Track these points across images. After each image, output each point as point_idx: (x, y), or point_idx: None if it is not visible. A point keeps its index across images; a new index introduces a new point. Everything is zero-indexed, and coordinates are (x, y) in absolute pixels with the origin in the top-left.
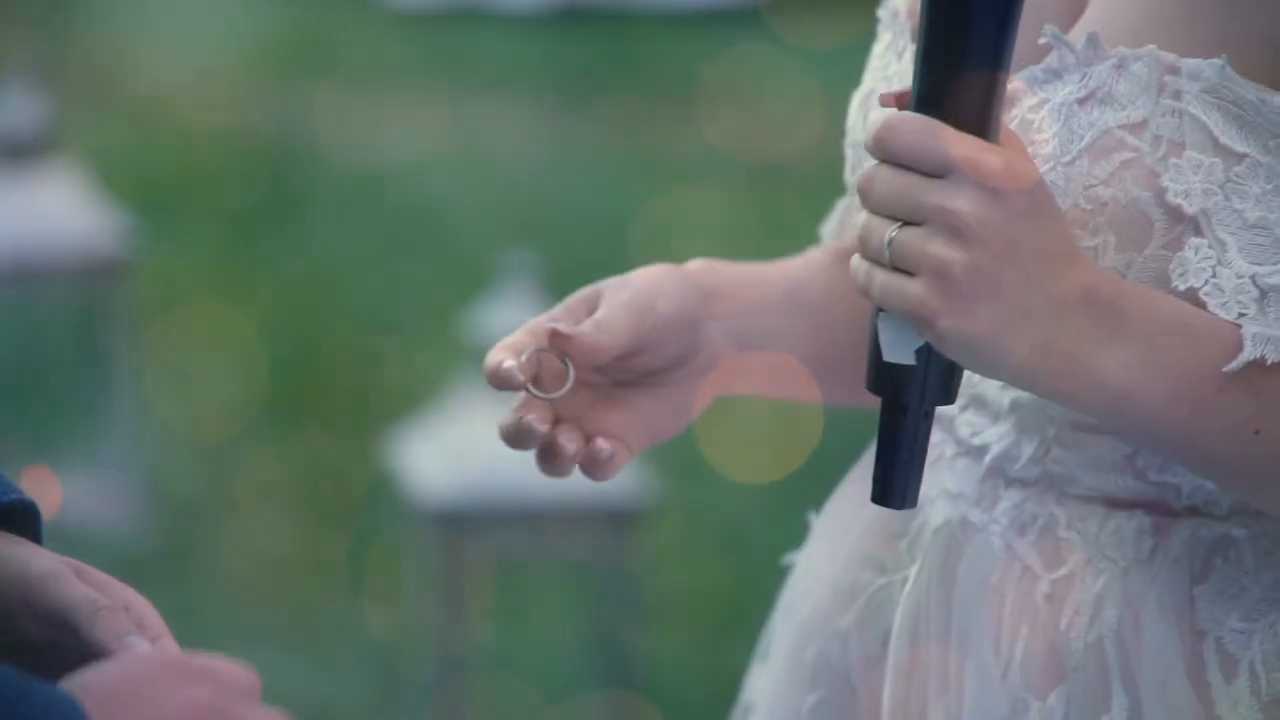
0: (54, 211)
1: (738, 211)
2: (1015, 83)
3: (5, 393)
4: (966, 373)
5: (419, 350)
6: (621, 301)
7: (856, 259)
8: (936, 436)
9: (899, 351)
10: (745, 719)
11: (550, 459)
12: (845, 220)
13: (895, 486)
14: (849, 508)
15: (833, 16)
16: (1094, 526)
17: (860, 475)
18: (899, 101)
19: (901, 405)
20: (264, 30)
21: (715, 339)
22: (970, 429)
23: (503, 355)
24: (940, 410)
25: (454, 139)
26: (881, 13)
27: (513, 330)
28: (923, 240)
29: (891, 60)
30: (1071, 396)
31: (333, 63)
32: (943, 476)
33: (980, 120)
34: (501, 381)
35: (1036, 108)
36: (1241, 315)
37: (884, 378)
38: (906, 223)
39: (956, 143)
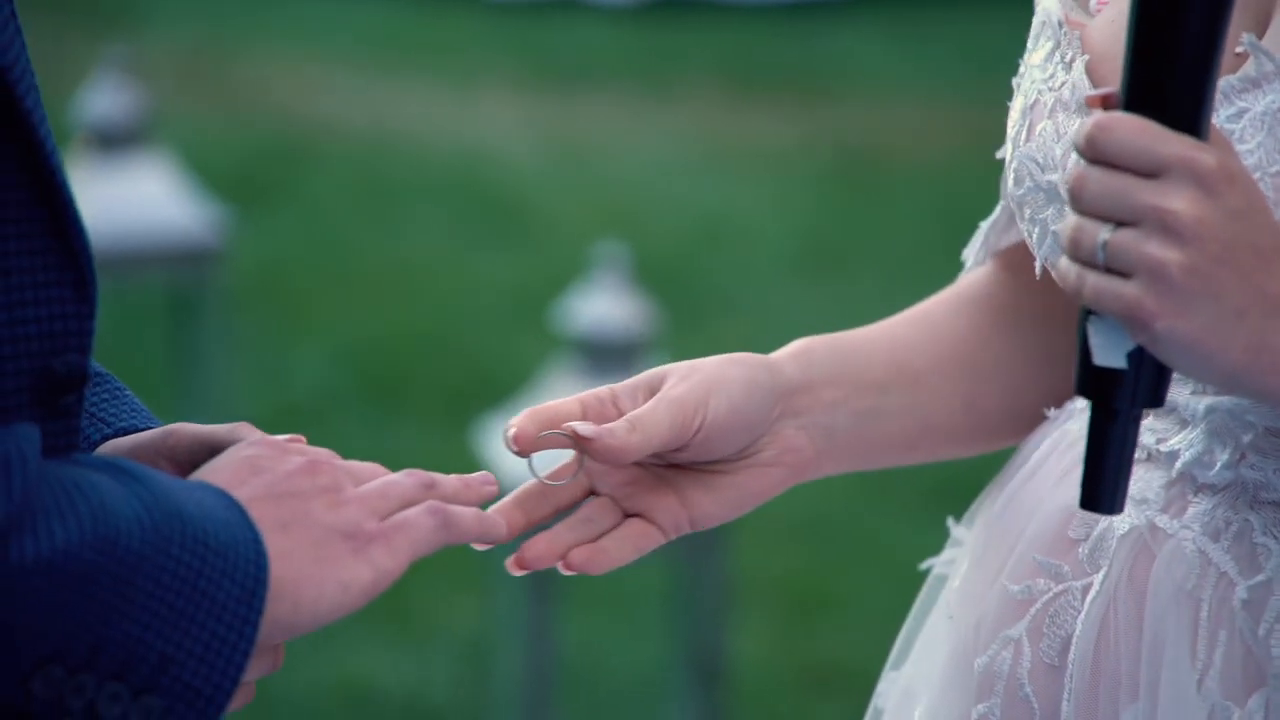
0: (147, 201)
1: (828, 204)
2: None
3: None
4: None
5: (511, 340)
6: (672, 396)
7: (1065, 262)
8: None
9: (1110, 355)
10: None
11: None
12: (989, 241)
13: (1104, 491)
14: (1012, 515)
15: (922, 9)
16: None
17: (1018, 483)
18: (1105, 103)
19: (1111, 409)
20: (356, 21)
21: (788, 436)
22: (1155, 436)
23: (527, 423)
24: None
25: (545, 130)
26: (1036, 21)
27: (605, 321)
28: (1139, 241)
29: (1058, 71)
30: None
31: (424, 54)
32: None
33: (1192, 120)
34: (509, 445)
35: (1235, 118)
36: None
37: (1093, 381)
38: (1119, 223)
39: (1171, 142)
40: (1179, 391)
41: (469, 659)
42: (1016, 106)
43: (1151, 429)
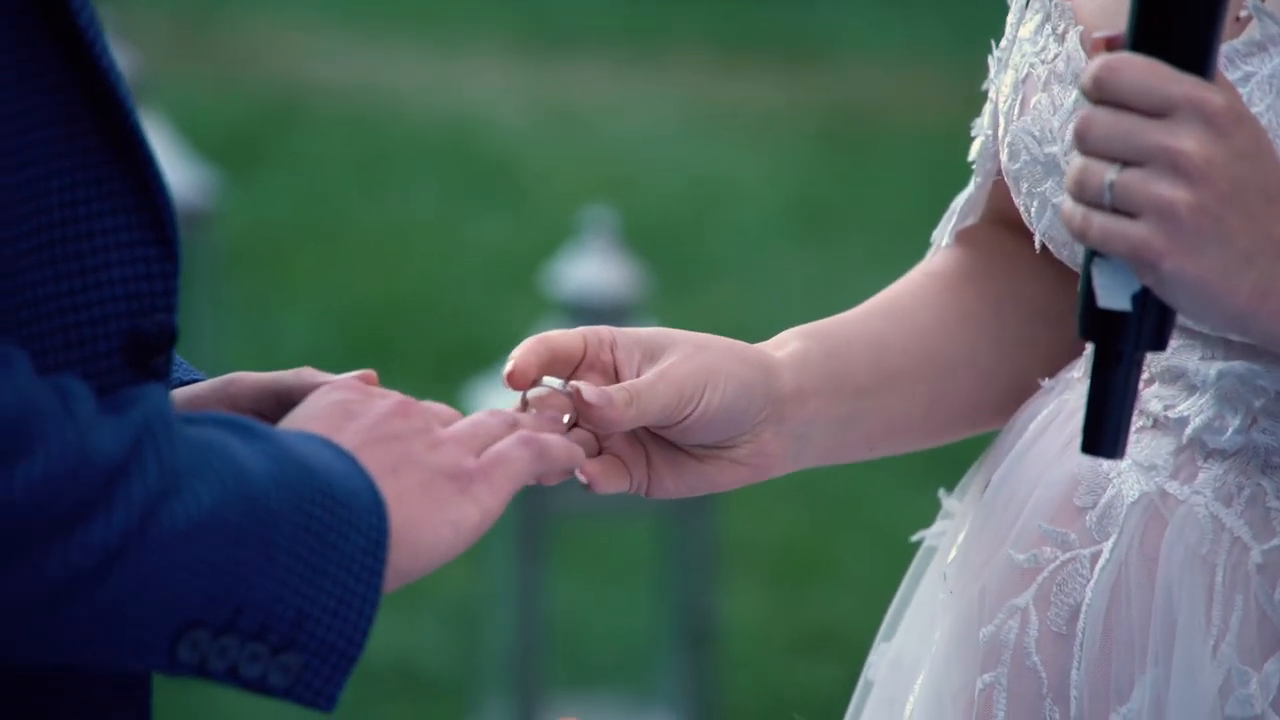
0: None
1: (817, 168)
2: None
3: None
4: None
5: (499, 304)
6: (675, 375)
7: (1070, 204)
8: None
9: (1114, 297)
10: (866, 697)
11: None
12: (957, 223)
13: (1107, 436)
14: (1014, 485)
15: None
16: None
17: (1017, 454)
18: (1110, 45)
19: (1115, 352)
20: None
21: (765, 440)
22: (1162, 403)
23: (530, 356)
24: None
25: (535, 94)
26: None
27: (594, 285)
28: (1146, 181)
29: (1049, 43)
30: None
31: (415, 18)
32: (1130, 450)
33: (1199, 61)
34: (507, 380)
35: (1241, 82)
36: None
37: (1097, 324)
38: (1126, 164)
39: (1180, 82)
40: (1188, 357)
41: (458, 623)
42: (1007, 81)
43: (1159, 395)
